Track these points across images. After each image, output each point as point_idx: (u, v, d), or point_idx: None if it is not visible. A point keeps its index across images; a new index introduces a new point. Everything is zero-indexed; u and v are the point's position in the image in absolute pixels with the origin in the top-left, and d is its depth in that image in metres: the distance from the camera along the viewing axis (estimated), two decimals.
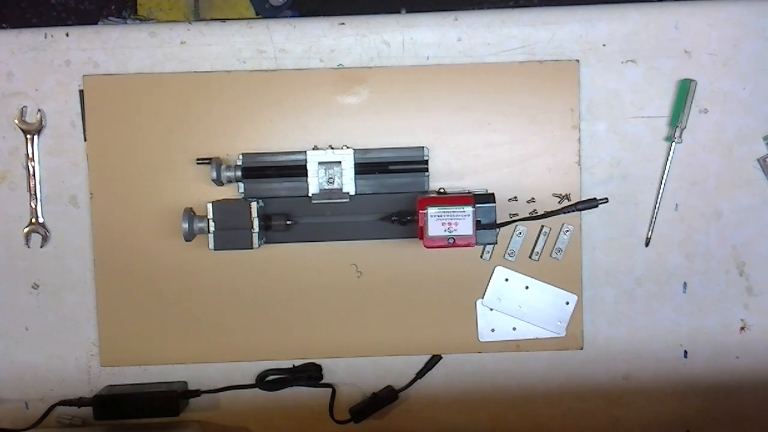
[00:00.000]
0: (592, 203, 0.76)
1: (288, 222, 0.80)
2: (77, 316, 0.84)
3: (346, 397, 0.85)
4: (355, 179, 0.80)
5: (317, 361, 0.84)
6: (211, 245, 0.76)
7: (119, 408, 0.80)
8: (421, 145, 0.81)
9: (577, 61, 0.82)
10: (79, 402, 0.81)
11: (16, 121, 0.82)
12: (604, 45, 0.82)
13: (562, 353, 0.84)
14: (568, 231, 0.82)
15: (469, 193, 0.79)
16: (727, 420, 0.86)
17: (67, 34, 0.82)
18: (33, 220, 0.83)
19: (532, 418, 0.85)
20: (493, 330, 0.83)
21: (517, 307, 0.83)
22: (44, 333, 0.84)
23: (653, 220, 0.83)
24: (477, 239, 0.74)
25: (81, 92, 0.82)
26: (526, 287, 0.83)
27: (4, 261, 0.83)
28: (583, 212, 0.81)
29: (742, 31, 0.82)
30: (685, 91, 0.81)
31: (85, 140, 0.82)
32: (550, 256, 0.83)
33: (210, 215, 0.76)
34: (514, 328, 0.84)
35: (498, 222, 0.77)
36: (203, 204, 0.77)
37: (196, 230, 0.77)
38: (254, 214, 0.77)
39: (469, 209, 0.74)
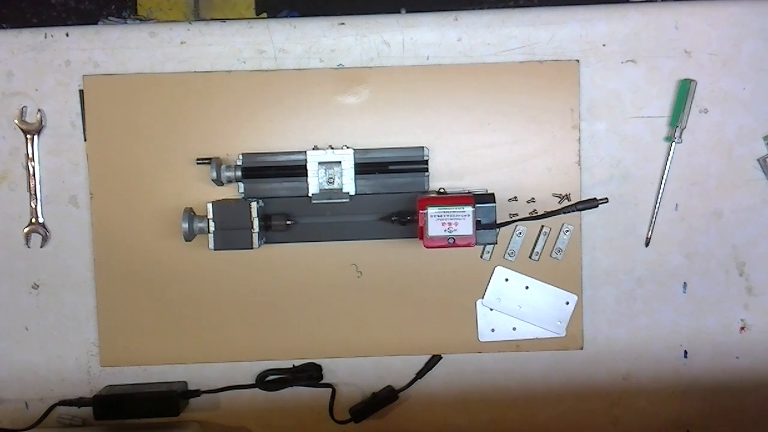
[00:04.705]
0: (592, 203, 0.76)
1: (288, 222, 0.80)
2: (77, 316, 0.84)
3: (346, 397, 0.85)
4: (355, 179, 0.80)
5: (317, 361, 0.84)
6: (211, 245, 0.76)
7: (119, 408, 0.80)
8: (421, 145, 0.81)
9: (577, 61, 0.82)
10: (79, 402, 0.81)
11: (16, 121, 0.82)
12: (604, 45, 0.82)
13: (562, 353, 0.84)
14: (568, 231, 0.82)
15: (469, 193, 0.79)
16: (727, 420, 0.86)
17: (67, 34, 0.82)
18: (33, 220, 0.83)
19: (532, 418, 0.85)
20: (493, 330, 0.83)
21: (517, 307, 0.83)
22: (44, 333, 0.84)
23: (653, 220, 0.83)
24: (477, 239, 0.74)
25: (81, 92, 0.82)
26: (526, 287, 0.83)
27: (4, 261, 0.83)
28: (583, 212, 0.81)
29: (742, 31, 0.82)
30: (685, 91, 0.81)
31: (85, 140, 0.82)
32: (550, 256, 0.83)
33: (210, 215, 0.76)
34: (514, 328, 0.84)
35: (498, 222, 0.77)
36: (203, 204, 0.77)
37: (196, 230, 0.77)
38: (254, 214, 0.77)
39: (469, 209, 0.74)
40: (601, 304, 0.84)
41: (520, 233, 0.83)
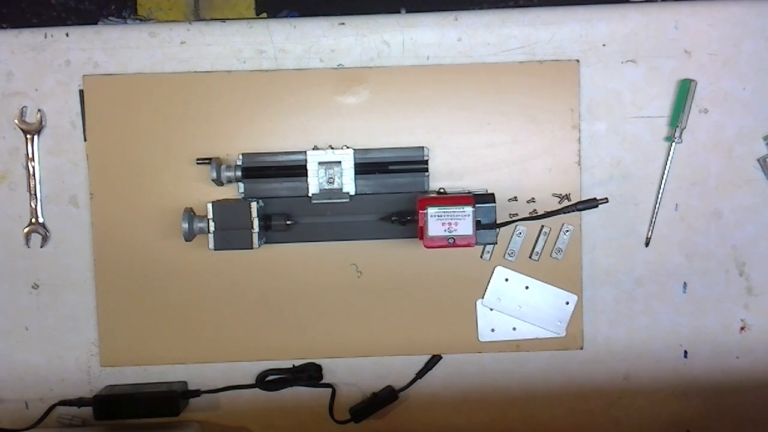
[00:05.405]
0: (592, 203, 0.76)
1: (288, 222, 0.80)
2: (77, 316, 0.84)
3: (346, 397, 0.85)
4: (355, 179, 0.80)
5: (317, 361, 0.84)
6: (211, 245, 0.76)
7: (119, 408, 0.80)
8: (421, 145, 0.81)
9: (577, 61, 0.82)
10: (79, 402, 0.81)
11: (16, 121, 0.82)
12: (604, 45, 0.82)
13: (562, 353, 0.84)
14: (568, 231, 0.82)
15: (469, 193, 0.79)
16: (727, 420, 0.86)
17: (67, 34, 0.82)
18: (33, 220, 0.83)
19: (532, 418, 0.85)
20: (493, 330, 0.83)
21: (517, 307, 0.83)
22: (44, 333, 0.84)
23: (653, 220, 0.83)
24: (477, 239, 0.74)
25: (81, 92, 0.82)
26: (526, 287, 0.83)
27: (4, 261, 0.83)
28: (583, 212, 0.81)
29: (742, 31, 0.82)
30: (685, 91, 0.81)
31: (85, 140, 0.82)
32: (550, 256, 0.83)
33: (210, 215, 0.76)
34: (514, 328, 0.84)
35: (498, 222, 0.77)
36: (203, 204, 0.77)
37: (196, 230, 0.77)
38: (254, 214, 0.76)
39: (469, 209, 0.74)
40: (601, 304, 0.84)
41: (520, 233, 0.83)
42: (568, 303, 0.83)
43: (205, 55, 0.82)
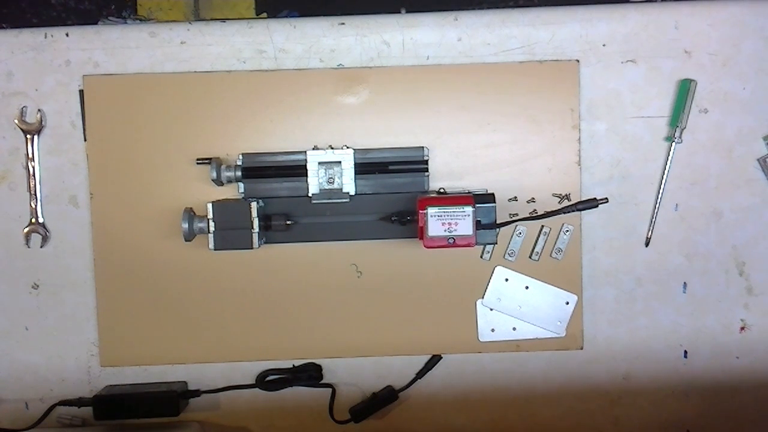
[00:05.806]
0: (592, 203, 0.76)
1: (288, 222, 0.80)
2: (77, 316, 0.84)
3: (346, 397, 0.85)
4: (355, 179, 0.80)
5: (317, 361, 0.84)
6: (211, 245, 0.76)
7: (119, 408, 0.80)
8: (421, 145, 0.81)
9: (577, 61, 0.82)
10: (79, 402, 0.81)
11: (16, 121, 0.82)
12: (604, 45, 0.82)
13: (562, 353, 0.84)
14: (568, 231, 0.82)
15: (469, 193, 0.79)
16: (727, 420, 0.86)
17: (67, 34, 0.82)
18: (33, 220, 0.83)
19: (532, 418, 0.85)
20: (493, 330, 0.83)
21: (517, 307, 0.83)
22: (44, 333, 0.84)
23: (653, 220, 0.83)
24: (477, 239, 0.74)
25: (81, 92, 0.82)
26: (526, 287, 0.83)
27: (4, 261, 0.83)
28: (583, 212, 0.81)
29: (742, 31, 0.82)
30: (685, 91, 0.81)
31: (85, 140, 0.82)
32: (550, 256, 0.83)
33: (210, 215, 0.76)
34: (514, 328, 0.84)
35: (498, 222, 0.77)
36: (203, 204, 0.77)
37: (196, 230, 0.77)
38: (254, 214, 0.77)
39: (469, 209, 0.74)
40: (601, 304, 0.84)
41: (520, 233, 0.83)
42: (568, 303, 0.83)
43: (205, 55, 0.82)
